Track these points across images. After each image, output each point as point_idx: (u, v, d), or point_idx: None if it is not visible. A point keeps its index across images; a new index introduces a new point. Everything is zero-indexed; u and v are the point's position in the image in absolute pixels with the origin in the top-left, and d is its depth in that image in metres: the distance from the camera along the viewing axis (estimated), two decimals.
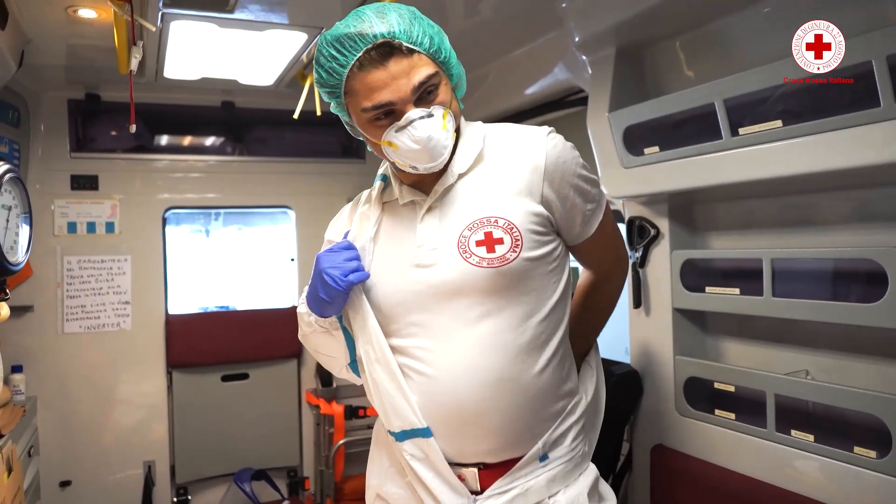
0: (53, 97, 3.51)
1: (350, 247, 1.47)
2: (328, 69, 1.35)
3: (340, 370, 1.62)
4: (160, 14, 2.30)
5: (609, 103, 2.43)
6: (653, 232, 2.45)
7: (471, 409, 1.39)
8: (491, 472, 1.43)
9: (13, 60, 2.52)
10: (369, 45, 1.29)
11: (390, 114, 1.33)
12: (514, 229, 1.38)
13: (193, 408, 3.81)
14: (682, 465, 2.34)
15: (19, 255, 1.76)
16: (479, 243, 1.37)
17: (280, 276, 4.26)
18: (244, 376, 3.93)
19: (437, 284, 1.41)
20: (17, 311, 3.38)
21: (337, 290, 1.41)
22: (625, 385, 2.54)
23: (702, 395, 2.32)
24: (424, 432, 1.42)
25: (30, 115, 3.40)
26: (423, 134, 1.32)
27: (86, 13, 2.36)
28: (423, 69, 1.32)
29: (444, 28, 1.46)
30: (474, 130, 1.49)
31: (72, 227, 3.58)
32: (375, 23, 1.30)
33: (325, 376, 3.97)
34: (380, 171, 1.60)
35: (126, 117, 2.37)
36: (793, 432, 1.99)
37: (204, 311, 4.11)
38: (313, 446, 4.03)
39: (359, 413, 3.82)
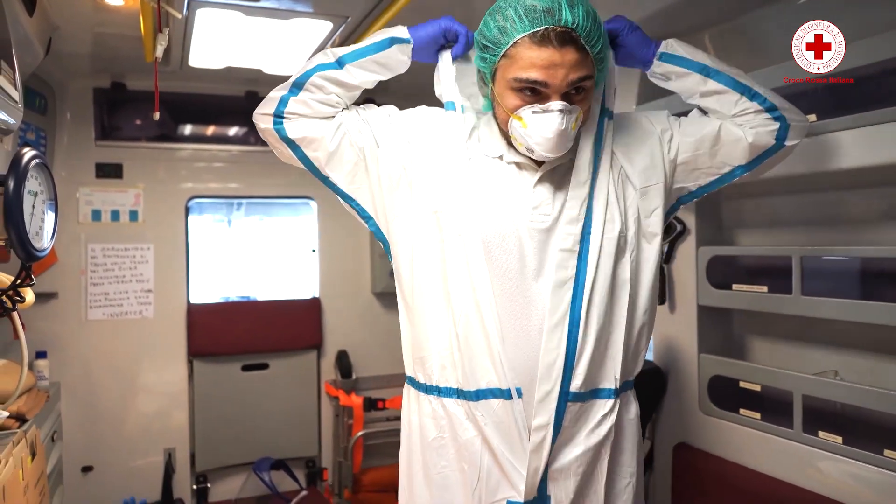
0: (79, 85, 3.53)
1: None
2: (501, 27, 1.37)
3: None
4: (186, 2, 2.30)
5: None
6: (679, 228, 2.42)
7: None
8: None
9: (41, 48, 2.53)
10: (553, 26, 1.32)
11: (536, 93, 1.36)
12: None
13: (214, 397, 3.83)
14: (705, 465, 2.31)
15: (44, 242, 1.77)
16: None
17: (301, 267, 4.27)
18: (264, 366, 3.94)
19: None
20: (41, 297, 3.41)
21: (439, 22, 1.52)
22: (647, 382, 2.51)
23: (726, 394, 2.29)
24: (507, 393, 1.42)
25: (56, 103, 3.42)
26: (557, 126, 1.35)
27: (113, 1, 2.36)
28: (584, 69, 1.36)
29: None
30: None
31: (96, 215, 3.60)
32: (566, 9, 1.32)
33: (344, 368, 3.98)
34: (464, 111, 1.55)
35: (151, 106, 2.37)
36: (820, 434, 1.96)
37: (225, 301, 4.13)
38: (332, 437, 4.05)
39: (377, 405, 3.83)
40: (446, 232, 1.46)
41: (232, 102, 3.89)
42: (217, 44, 2.87)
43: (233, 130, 4.07)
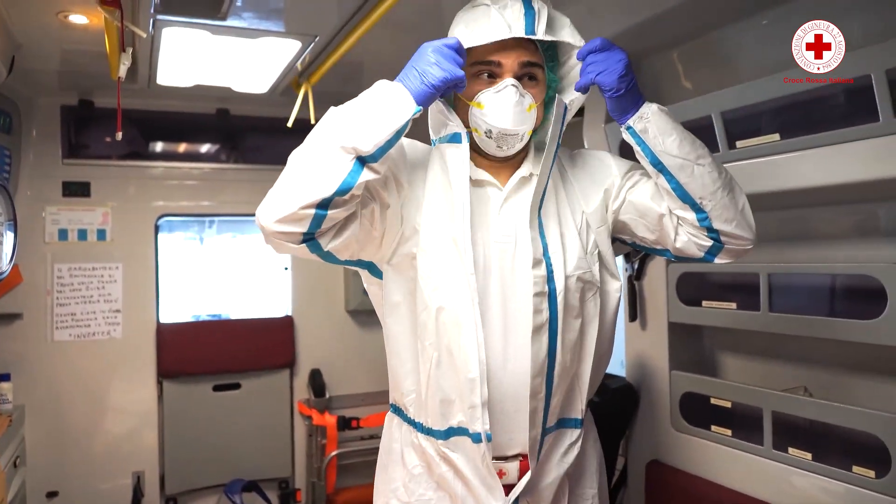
0: (46, 103, 3.47)
1: (457, 47, 1.36)
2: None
3: (299, 203, 1.28)
4: (152, 20, 2.28)
5: (605, 115, 2.41)
6: None
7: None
8: (527, 461, 1.46)
9: (3, 65, 2.49)
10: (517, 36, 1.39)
11: (492, 76, 1.42)
12: None
13: (184, 418, 3.76)
14: (678, 482, 2.31)
15: (3, 264, 1.73)
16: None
17: (273, 286, 4.22)
18: (236, 386, 3.88)
19: (510, 271, 1.44)
20: (6, 318, 3.34)
21: (437, 76, 1.31)
22: (620, 399, 2.51)
23: (698, 411, 2.29)
24: (478, 437, 1.40)
25: (22, 121, 3.36)
26: (512, 98, 1.39)
27: (77, 18, 2.33)
28: (535, 57, 1.44)
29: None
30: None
31: (63, 235, 3.53)
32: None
33: (317, 387, 3.93)
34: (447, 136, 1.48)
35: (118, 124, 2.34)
36: (790, 450, 1.96)
37: (196, 320, 4.07)
38: (305, 457, 3.98)
39: (352, 424, 3.79)
40: (423, 277, 1.43)
41: (203, 120, 3.86)
42: (185, 62, 2.85)
43: (204, 148, 4.04)
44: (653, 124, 1.41)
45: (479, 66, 1.42)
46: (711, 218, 1.42)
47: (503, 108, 1.39)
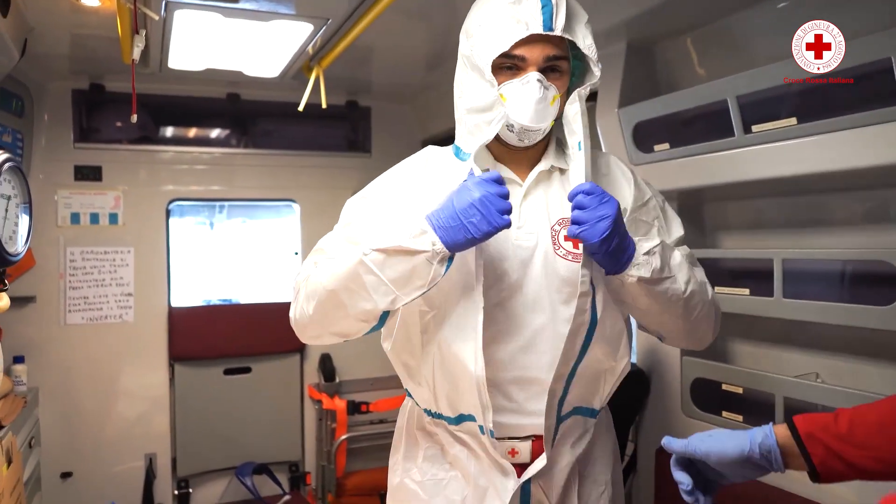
0: (58, 87, 3.48)
1: (500, 180, 1.34)
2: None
3: (354, 322, 1.44)
4: (164, 3, 2.27)
5: (619, 99, 2.40)
6: None
7: (546, 389, 1.43)
8: (540, 442, 1.47)
9: (16, 49, 2.49)
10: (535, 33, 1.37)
11: (515, 69, 1.40)
12: None
13: (195, 401, 3.79)
14: None
15: (18, 246, 1.74)
16: (566, 238, 1.46)
17: (284, 270, 4.23)
18: (246, 370, 3.91)
19: (532, 266, 1.46)
20: (19, 301, 3.36)
21: (482, 230, 1.30)
22: (631, 385, 2.49)
23: (709, 397, 2.28)
24: (484, 430, 1.42)
25: (34, 105, 3.37)
26: (536, 94, 1.38)
27: (89, 1, 2.33)
28: (559, 50, 1.41)
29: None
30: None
31: (75, 218, 3.55)
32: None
33: (327, 371, 3.95)
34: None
35: (130, 108, 2.35)
36: None
37: (207, 304, 4.09)
38: (315, 441, 4.01)
39: (361, 409, 3.81)
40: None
41: (214, 104, 3.86)
42: (196, 45, 2.84)
43: (215, 132, 4.04)
44: (630, 287, 1.41)
45: (502, 58, 1.39)
46: (663, 339, 1.63)
47: (526, 103, 1.38)
